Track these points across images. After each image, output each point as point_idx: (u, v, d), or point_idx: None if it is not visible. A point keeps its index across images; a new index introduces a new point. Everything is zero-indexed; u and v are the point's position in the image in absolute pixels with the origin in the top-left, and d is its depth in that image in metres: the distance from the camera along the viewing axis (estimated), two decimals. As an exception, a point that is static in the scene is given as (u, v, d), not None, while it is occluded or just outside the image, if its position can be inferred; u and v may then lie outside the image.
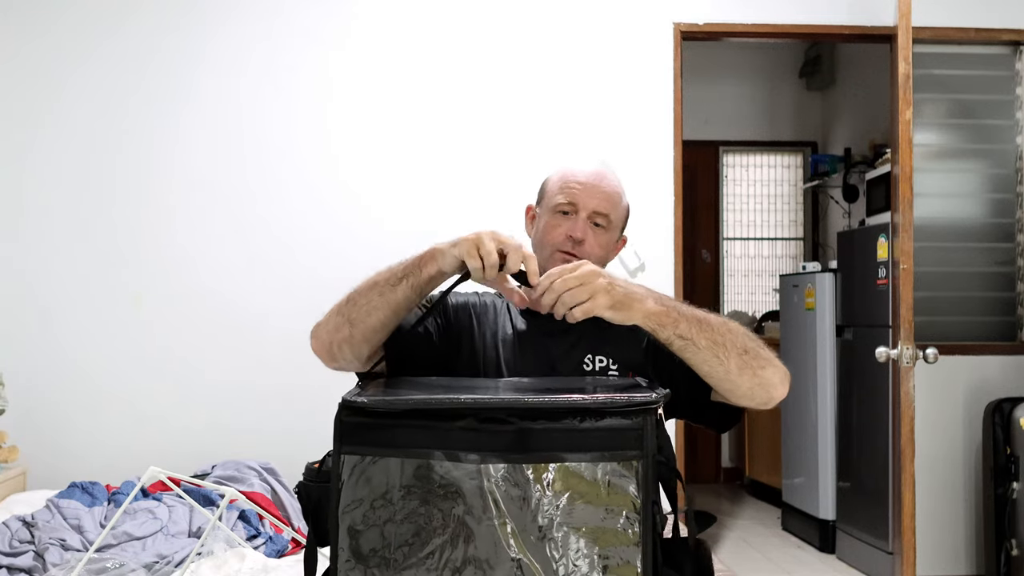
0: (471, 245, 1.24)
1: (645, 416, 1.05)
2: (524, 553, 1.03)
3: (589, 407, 1.05)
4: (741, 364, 1.29)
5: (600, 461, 1.04)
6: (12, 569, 2.32)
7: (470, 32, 3.49)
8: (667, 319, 1.26)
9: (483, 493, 1.04)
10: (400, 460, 1.07)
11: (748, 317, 5.91)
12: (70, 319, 3.34)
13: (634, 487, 1.04)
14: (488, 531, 1.04)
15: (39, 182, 3.35)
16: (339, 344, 1.36)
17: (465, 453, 1.05)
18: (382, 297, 1.31)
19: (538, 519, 1.03)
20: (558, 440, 1.04)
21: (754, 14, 3.54)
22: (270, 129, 3.42)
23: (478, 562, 1.03)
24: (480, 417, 1.06)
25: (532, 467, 1.04)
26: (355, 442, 1.09)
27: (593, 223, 1.49)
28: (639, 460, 1.04)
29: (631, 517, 1.03)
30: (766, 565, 4.05)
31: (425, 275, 1.29)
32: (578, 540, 1.03)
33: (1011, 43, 3.76)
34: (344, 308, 1.35)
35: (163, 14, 3.40)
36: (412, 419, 1.08)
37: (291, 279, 3.32)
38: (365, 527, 1.07)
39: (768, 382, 1.32)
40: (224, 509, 2.41)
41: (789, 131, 5.93)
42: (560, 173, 1.53)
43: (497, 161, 3.46)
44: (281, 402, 3.30)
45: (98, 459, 3.25)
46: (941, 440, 3.69)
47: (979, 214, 3.86)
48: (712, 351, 1.27)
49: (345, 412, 1.10)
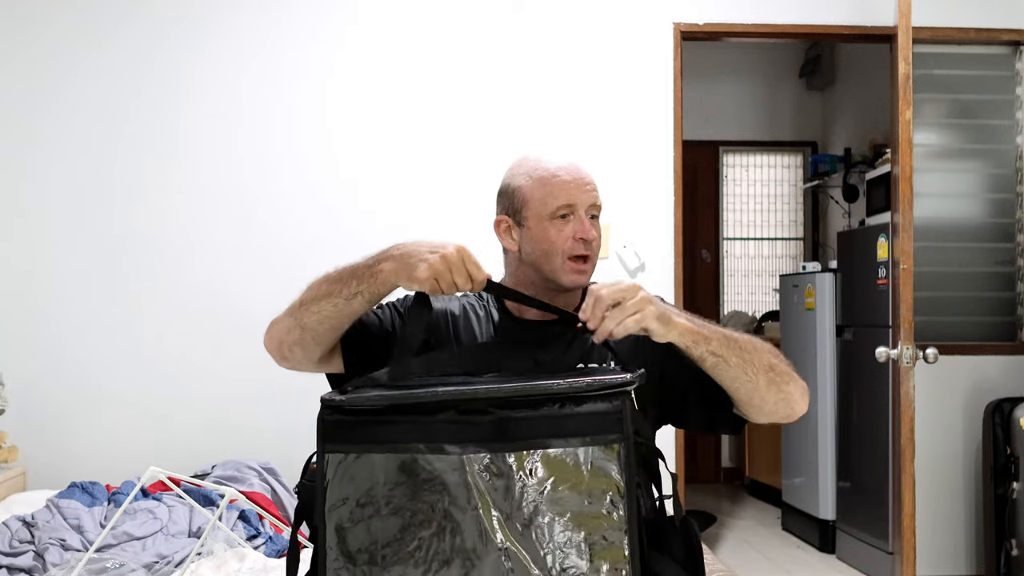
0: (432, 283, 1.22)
1: (623, 399, 1.06)
2: (511, 542, 1.04)
3: (567, 393, 1.06)
4: (768, 380, 1.31)
5: (582, 446, 1.05)
6: (12, 569, 2.32)
7: (470, 32, 3.49)
8: (700, 337, 1.26)
9: (467, 484, 1.05)
10: (383, 456, 1.08)
11: (748, 317, 5.90)
12: (70, 319, 3.33)
13: (617, 470, 1.04)
14: (474, 522, 1.04)
15: (39, 182, 3.35)
16: (290, 346, 1.36)
17: (447, 445, 1.06)
18: (336, 308, 1.30)
19: (523, 507, 1.04)
20: (539, 427, 1.05)
21: (754, 14, 3.54)
22: (270, 129, 3.42)
23: (465, 553, 1.04)
24: (461, 409, 1.06)
25: (514, 455, 1.05)
26: (338, 440, 1.10)
27: (590, 216, 1.44)
28: (620, 443, 1.05)
29: (615, 500, 1.04)
30: (766, 565, 4.05)
31: (383, 291, 1.28)
32: (564, 526, 1.04)
33: (1011, 43, 3.76)
34: (297, 311, 1.34)
35: (163, 14, 3.40)
36: (393, 415, 1.08)
37: (292, 279, 3.27)
38: (352, 524, 1.08)
39: (791, 397, 1.35)
40: (224, 509, 2.41)
41: (789, 131, 5.93)
42: (534, 176, 1.44)
43: (500, 161, 3.44)
44: (281, 402, 3.29)
45: (98, 459, 3.25)
46: (941, 440, 3.69)
47: (979, 214, 3.86)
48: (742, 368, 1.29)
49: (326, 411, 1.11)
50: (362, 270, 1.28)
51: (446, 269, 1.22)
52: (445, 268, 1.21)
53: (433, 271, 1.21)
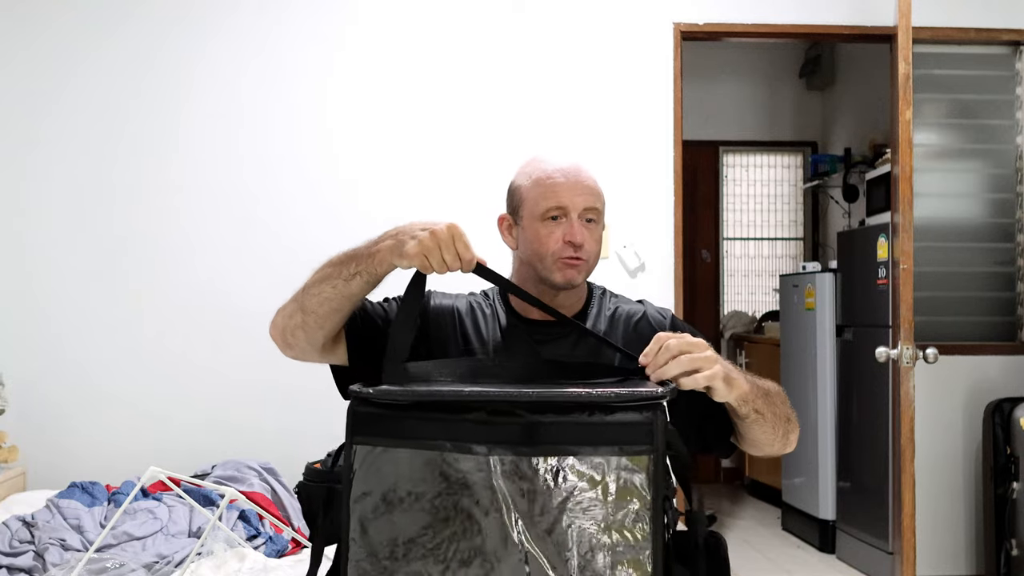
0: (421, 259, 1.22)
1: (655, 411, 1.04)
2: (531, 546, 1.02)
3: (598, 401, 1.04)
4: (785, 430, 1.36)
5: (610, 455, 1.03)
6: (12, 569, 2.32)
7: (470, 32, 3.49)
8: (751, 396, 1.28)
9: (491, 485, 1.04)
10: (410, 451, 1.07)
11: (748, 317, 5.91)
12: (70, 319, 3.33)
13: (644, 482, 1.02)
14: (496, 523, 1.03)
15: (39, 182, 3.35)
16: (293, 331, 1.37)
17: (474, 445, 1.05)
18: (335, 290, 1.32)
19: (546, 513, 1.03)
20: (567, 433, 1.04)
21: (754, 14, 3.54)
22: (270, 129, 3.42)
23: (485, 554, 1.03)
24: (489, 410, 1.05)
25: (540, 460, 1.03)
26: (366, 432, 1.09)
27: (585, 219, 1.43)
28: (649, 455, 1.03)
29: (641, 512, 1.02)
30: (766, 565, 4.05)
31: (380, 271, 1.29)
32: (586, 535, 1.02)
33: (1011, 43, 3.76)
34: (299, 296, 1.36)
35: (163, 14, 3.40)
36: (423, 411, 1.08)
37: (292, 279, 3.30)
38: (375, 517, 1.07)
39: (790, 442, 1.40)
40: (224, 509, 2.41)
41: (789, 131, 5.94)
42: (533, 176, 1.45)
43: (500, 161, 3.45)
44: (281, 402, 3.30)
45: (98, 459, 3.25)
46: (941, 440, 3.69)
47: (979, 214, 3.86)
48: (772, 423, 1.33)
49: (357, 402, 1.11)
50: (361, 251, 1.30)
51: (435, 246, 1.22)
52: (434, 245, 1.22)
53: (422, 247, 1.22)
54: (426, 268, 1.23)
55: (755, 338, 5.50)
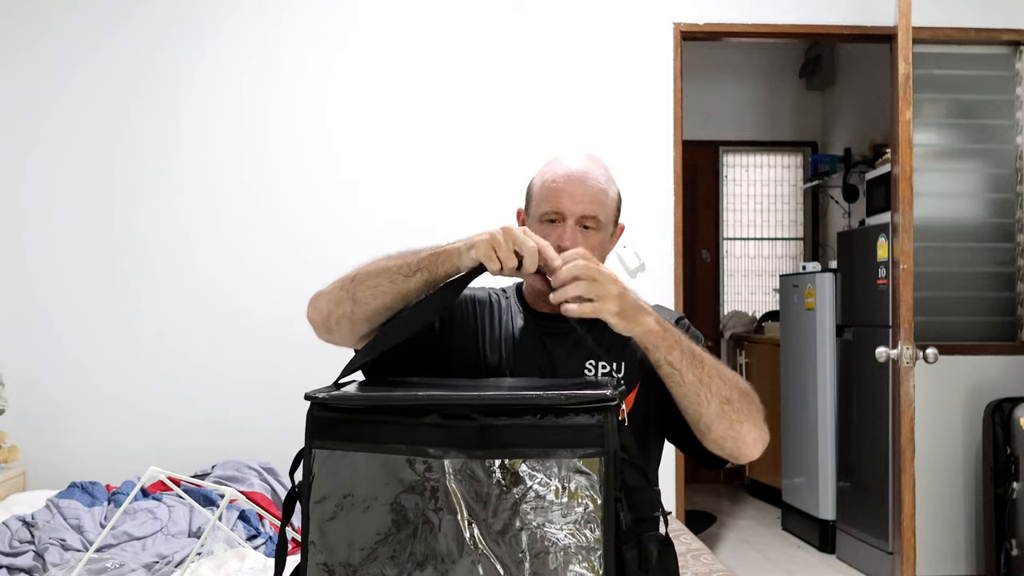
0: (487, 248, 1.23)
1: (607, 413, 1.05)
2: (485, 548, 1.03)
3: (549, 404, 1.05)
4: (719, 412, 1.28)
5: (562, 458, 1.04)
6: (12, 569, 2.32)
7: (471, 31, 3.49)
8: (663, 342, 1.25)
9: (445, 488, 1.05)
10: (367, 455, 1.08)
11: (748, 317, 5.91)
12: (70, 319, 3.33)
13: (596, 483, 1.04)
14: (450, 526, 1.04)
15: (39, 182, 3.35)
16: (338, 319, 1.35)
17: (429, 448, 1.06)
18: (392, 284, 1.29)
19: (499, 515, 1.04)
20: (519, 436, 1.05)
21: (754, 14, 3.54)
22: (270, 129, 3.42)
23: (439, 557, 1.04)
24: (444, 413, 1.06)
25: (493, 463, 1.04)
26: (324, 436, 1.11)
27: (582, 226, 1.44)
28: (600, 457, 1.04)
29: (593, 514, 1.03)
30: (766, 565, 4.05)
31: (441, 272, 1.28)
32: (538, 537, 1.03)
33: (1011, 43, 3.76)
34: (349, 285, 1.32)
35: (163, 14, 3.40)
36: (379, 415, 1.09)
37: (292, 279, 3.32)
38: (332, 520, 1.09)
39: (740, 438, 1.30)
40: (224, 509, 2.41)
41: (789, 131, 5.94)
42: (544, 177, 1.47)
43: (500, 162, 3.46)
44: (281, 401, 3.29)
45: (98, 459, 3.25)
46: (941, 440, 3.70)
47: (979, 214, 3.86)
48: (695, 389, 1.27)
49: (316, 407, 1.12)
50: (425, 251, 1.29)
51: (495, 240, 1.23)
52: (493, 239, 1.23)
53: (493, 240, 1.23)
54: (492, 260, 1.23)
55: (755, 338, 5.50)
